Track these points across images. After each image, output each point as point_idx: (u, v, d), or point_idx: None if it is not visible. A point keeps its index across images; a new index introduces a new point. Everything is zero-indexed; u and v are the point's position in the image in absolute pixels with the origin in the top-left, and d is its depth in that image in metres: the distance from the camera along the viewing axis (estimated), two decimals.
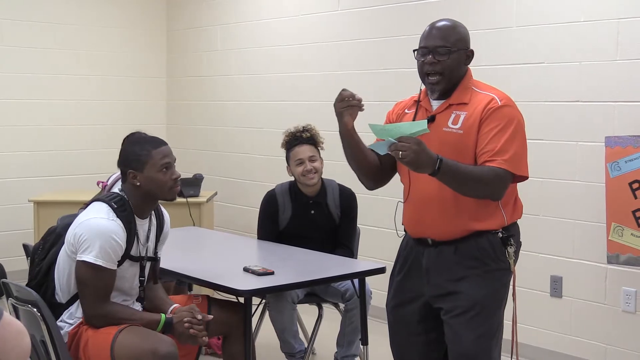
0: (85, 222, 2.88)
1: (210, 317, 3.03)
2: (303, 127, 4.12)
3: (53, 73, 6.42)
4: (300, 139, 4.07)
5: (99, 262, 2.83)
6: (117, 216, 2.91)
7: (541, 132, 4.29)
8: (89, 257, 2.83)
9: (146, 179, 2.95)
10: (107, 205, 2.93)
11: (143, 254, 3.03)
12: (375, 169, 2.83)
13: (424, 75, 2.72)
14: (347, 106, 2.65)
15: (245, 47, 6.30)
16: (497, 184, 2.59)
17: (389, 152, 2.49)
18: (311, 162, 4.02)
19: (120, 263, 2.92)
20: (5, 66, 6.18)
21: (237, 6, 6.36)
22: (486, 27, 4.54)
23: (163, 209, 3.20)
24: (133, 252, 2.97)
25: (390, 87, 5.04)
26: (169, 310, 3.06)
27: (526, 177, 2.69)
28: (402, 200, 2.84)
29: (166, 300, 3.14)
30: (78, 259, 2.85)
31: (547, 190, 4.31)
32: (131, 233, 2.93)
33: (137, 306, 3.08)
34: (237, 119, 6.43)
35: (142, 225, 3.02)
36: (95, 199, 3.02)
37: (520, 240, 2.81)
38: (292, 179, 4.14)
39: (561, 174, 4.27)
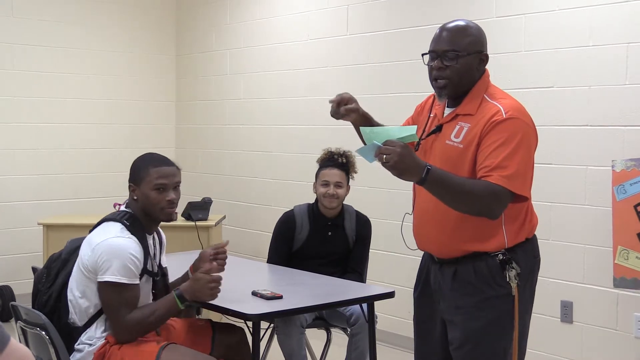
0: (101, 243, 2.88)
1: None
2: (344, 151, 4.14)
3: (63, 97, 6.47)
4: (334, 162, 4.10)
5: (123, 280, 2.84)
6: (131, 233, 2.93)
7: (550, 157, 4.28)
8: (111, 278, 2.83)
9: (142, 195, 3.00)
10: (119, 223, 2.95)
11: (154, 269, 3.06)
12: None
13: (432, 80, 2.59)
14: (344, 113, 2.69)
15: (254, 71, 6.33)
16: (492, 200, 2.41)
17: (376, 158, 2.37)
18: (336, 188, 4.04)
19: (140, 278, 2.93)
20: (15, 90, 6.22)
21: (246, 31, 6.40)
22: (495, 52, 4.53)
23: None
24: (149, 266, 3.00)
25: (399, 110, 5.03)
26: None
27: (527, 198, 2.52)
28: (410, 212, 2.77)
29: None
30: (100, 280, 2.86)
31: (557, 215, 4.29)
32: (145, 249, 2.96)
33: None
34: (245, 143, 6.45)
35: (149, 241, 3.04)
36: (106, 219, 3.03)
37: (540, 256, 2.70)
38: (314, 196, 4.16)
39: (571, 198, 4.25)
